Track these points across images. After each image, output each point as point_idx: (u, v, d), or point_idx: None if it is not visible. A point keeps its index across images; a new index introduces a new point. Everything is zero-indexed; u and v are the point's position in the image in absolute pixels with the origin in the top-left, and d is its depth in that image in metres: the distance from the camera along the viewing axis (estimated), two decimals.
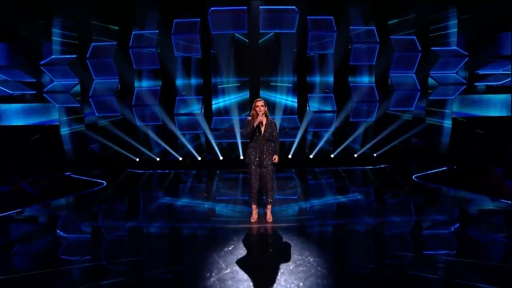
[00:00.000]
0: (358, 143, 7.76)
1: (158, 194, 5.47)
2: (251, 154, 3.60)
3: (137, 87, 7.65)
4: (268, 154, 3.57)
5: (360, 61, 7.46)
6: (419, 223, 3.95)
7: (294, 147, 7.56)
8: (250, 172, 3.60)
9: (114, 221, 4.14)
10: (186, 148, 7.71)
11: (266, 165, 3.57)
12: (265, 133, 3.54)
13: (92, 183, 6.24)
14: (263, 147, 3.56)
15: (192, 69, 7.58)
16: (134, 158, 7.76)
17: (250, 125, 3.46)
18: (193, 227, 3.89)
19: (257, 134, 3.52)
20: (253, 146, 3.61)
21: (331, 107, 7.52)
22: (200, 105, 7.49)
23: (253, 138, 3.56)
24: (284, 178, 6.30)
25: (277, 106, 7.53)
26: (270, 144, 3.61)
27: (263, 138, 3.55)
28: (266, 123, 3.54)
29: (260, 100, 3.53)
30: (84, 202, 5.17)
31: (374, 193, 5.43)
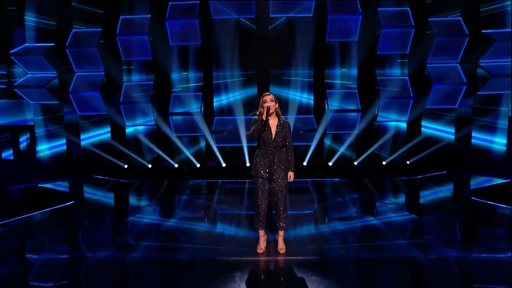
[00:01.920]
0: (387, 148, 7.34)
1: (144, 211, 5.14)
2: (258, 164, 3.26)
3: (126, 81, 7.35)
4: (279, 165, 3.23)
5: (391, 49, 7.08)
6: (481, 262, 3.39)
7: (310, 152, 7.22)
8: (256, 187, 3.27)
9: (81, 250, 3.69)
10: (182, 154, 7.42)
11: (276, 179, 3.22)
12: (276, 137, 3.22)
13: (65, 196, 5.87)
14: (273, 156, 3.22)
15: (190, 61, 7.31)
16: (122, 165, 7.40)
17: (256, 123, 3.17)
18: (183, 259, 3.45)
19: (265, 138, 3.19)
20: (261, 155, 3.27)
21: (354, 105, 7.15)
22: (199, 103, 7.21)
23: (260, 143, 3.24)
24: (297, 191, 5.96)
25: (290, 104, 7.22)
26: (282, 152, 3.28)
27: (274, 143, 3.22)
28: (277, 124, 3.24)
29: (268, 94, 3.26)
30: (44, 223, 4.74)
31: (413, 211, 4.99)
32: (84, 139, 7.45)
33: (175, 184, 6.81)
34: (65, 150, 7.39)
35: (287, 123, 3.34)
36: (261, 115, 3.22)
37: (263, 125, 3.19)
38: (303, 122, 7.25)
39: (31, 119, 7.07)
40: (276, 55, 7.17)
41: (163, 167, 7.38)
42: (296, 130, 7.11)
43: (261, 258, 3.34)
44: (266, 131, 3.24)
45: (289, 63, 7.18)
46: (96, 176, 7.32)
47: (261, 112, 3.23)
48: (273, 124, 3.29)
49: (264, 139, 3.26)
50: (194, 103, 7.27)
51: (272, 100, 3.24)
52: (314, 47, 7.13)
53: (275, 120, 3.31)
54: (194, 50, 7.27)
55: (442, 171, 7.12)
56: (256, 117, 3.26)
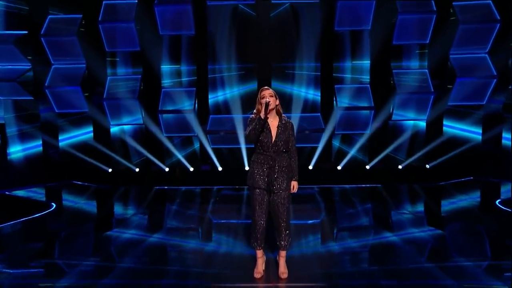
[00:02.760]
0: (404, 150, 7.19)
1: (127, 223, 4.92)
2: (256, 172, 3.06)
3: (110, 75, 7.27)
4: (281, 173, 3.03)
5: (409, 39, 6.91)
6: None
7: (316, 155, 7.15)
8: (253, 199, 3.08)
9: (40, 276, 3.41)
10: (174, 157, 7.35)
11: (277, 190, 3.02)
12: (277, 140, 3.02)
13: (36, 206, 5.68)
14: (273, 162, 3.02)
15: (182, 52, 7.23)
16: (106, 169, 7.31)
17: (253, 122, 2.99)
18: (165, 286, 3.16)
19: (264, 141, 3.00)
20: (259, 161, 3.06)
21: (366, 102, 7.04)
22: (192, 100, 7.16)
23: (258, 146, 3.05)
24: (302, 199, 5.78)
25: (294, 101, 7.13)
26: (284, 157, 3.08)
27: (274, 147, 3.03)
28: (278, 124, 3.05)
29: (267, 89, 3.08)
30: (11, 236, 4.51)
31: (436, 225, 4.77)
32: (62, 140, 7.35)
33: (165, 190, 6.75)
34: (41, 152, 7.26)
35: (290, 123, 3.15)
36: (259, 113, 3.01)
37: (261, 125, 2.99)
38: (309, 121, 7.17)
39: (1, 117, 6.93)
40: (279, 46, 7.12)
41: (152, 171, 7.32)
42: (301, 130, 7.03)
43: (259, 284, 3.11)
44: (265, 133, 3.05)
45: (293, 55, 7.12)
46: (75, 182, 7.21)
47: (259, 110, 3.03)
48: (273, 124, 3.10)
49: (262, 142, 3.06)
50: (186, 99, 7.19)
51: (272, 95, 3.05)
52: (321, 37, 7.06)
53: (275, 119, 3.12)
54: (186, 40, 7.20)
55: (467, 177, 6.97)
56: (253, 115, 3.06)
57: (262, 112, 2.97)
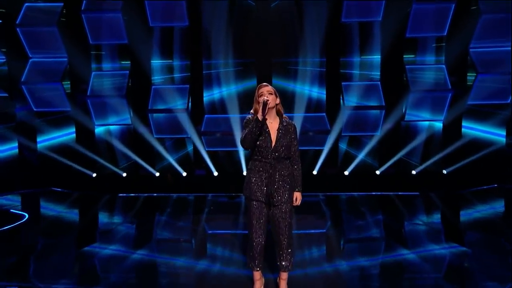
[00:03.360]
0: (418, 154, 7.09)
1: (110, 236, 4.80)
2: (253, 182, 2.97)
3: (95, 70, 7.18)
4: (282, 183, 2.95)
5: (424, 31, 6.80)
6: None
7: (321, 159, 7.11)
8: (250, 214, 2.98)
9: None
10: (165, 160, 7.30)
11: (278, 202, 2.94)
12: (277, 144, 2.94)
13: (8, 216, 5.59)
14: (273, 171, 2.93)
15: (174, 46, 7.17)
16: (90, 174, 7.21)
17: (250, 124, 2.91)
18: None
19: (263, 146, 2.91)
20: (257, 169, 2.97)
21: (377, 100, 6.93)
22: (186, 98, 7.10)
23: (255, 152, 2.96)
24: (305, 209, 5.53)
25: (297, 100, 7.09)
26: (285, 165, 2.99)
27: (274, 153, 2.94)
28: (279, 126, 2.97)
29: (266, 85, 2.99)
30: None
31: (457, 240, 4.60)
32: (41, 142, 7.28)
33: (155, 197, 6.74)
34: (17, 155, 7.18)
35: (292, 126, 3.05)
36: (256, 113, 2.91)
37: (259, 128, 2.87)
38: (313, 121, 7.12)
39: None
40: (280, 40, 7.09)
41: (141, 177, 7.27)
42: (304, 131, 6.98)
43: None
44: (264, 137, 2.95)
45: (296, 49, 7.06)
46: (55, 188, 7.13)
47: (256, 110, 2.93)
48: (273, 126, 3.00)
49: (260, 148, 2.95)
50: (179, 98, 7.16)
51: (271, 92, 2.94)
52: (326, 29, 6.98)
53: (276, 121, 3.02)
54: (179, 33, 7.16)
55: (490, 184, 6.86)
56: (250, 116, 2.98)
57: (259, 112, 2.85)
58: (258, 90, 2.97)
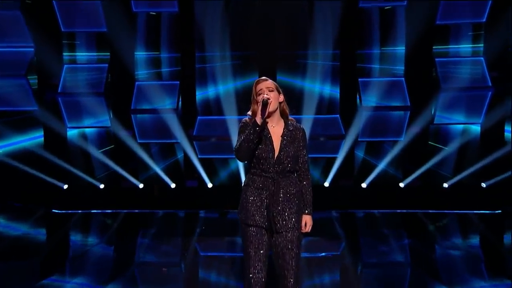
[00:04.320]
0: (451, 164, 7.01)
1: (77, 264, 4.68)
2: (250, 202, 2.80)
3: (68, 62, 7.10)
4: (287, 203, 2.78)
5: (458, 17, 6.75)
6: None
7: (334, 169, 7.00)
8: (247, 242, 2.80)
9: None
10: (150, 170, 7.18)
11: (282, 228, 2.76)
12: (281, 154, 2.79)
13: None
14: (276, 188, 2.77)
15: (162, 35, 7.13)
16: (60, 185, 7.08)
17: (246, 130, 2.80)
18: None
19: (263, 156, 2.78)
20: (255, 185, 2.82)
21: (400, 100, 6.88)
22: (175, 97, 7.09)
23: (254, 164, 2.84)
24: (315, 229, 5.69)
25: (306, 100, 7.01)
26: (292, 180, 2.83)
27: (277, 166, 2.79)
28: (283, 132, 2.84)
29: (266, 80, 2.84)
30: None
31: (500, 271, 4.44)
32: (1, 148, 7.17)
33: (138, 214, 6.72)
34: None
35: (301, 130, 2.87)
36: (254, 115, 2.73)
37: (257, 134, 2.69)
38: (325, 124, 7.09)
39: None
40: (286, 28, 7.06)
41: (122, 189, 7.20)
42: (315, 136, 6.93)
43: None
44: (264, 144, 2.78)
45: (305, 40, 7.00)
46: (15, 203, 7.03)
47: (254, 111, 2.76)
48: (275, 131, 2.82)
49: (260, 159, 2.78)
50: (167, 96, 7.13)
51: (272, 89, 2.79)
52: (341, 16, 6.90)
53: (279, 124, 2.84)
54: (168, 20, 7.12)
55: None
56: (247, 119, 2.83)
57: (258, 114, 2.66)
58: (256, 86, 2.83)
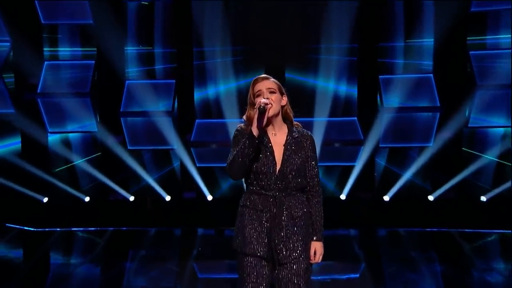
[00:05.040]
0: (489, 173, 6.85)
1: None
2: (248, 227, 2.75)
3: (48, 59, 7.03)
4: (292, 228, 2.72)
5: (495, 3, 6.55)
6: None
7: (352, 179, 6.87)
8: (244, 275, 2.73)
9: None
10: (143, 180, 7.08)
11: (287, 259, 2.69)
12: (284, 167, 2.72)
13: None
14: (278, 210, 2.70)
15: (156, 29, 7.04)
16: (40, 199, 6.97)
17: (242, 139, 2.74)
18: None
19: (262, 171, 2.72)
20: (253, 206, 2.75)
21: (428, 100, 6.74)
22: (171, 97, 7.01)
23: (251, 180, 2.78)
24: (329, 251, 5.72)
25: (318, 100, 6.87)
26: (298, 200, 2.76)
27: (280, 182, 2.72)
28: (286, 140, 2.78)
29: (266, 79, 2.77)
30: None
31: None
32: None
33: (127, 232, 6.67)
34: None
35: (309, 138, 2.79)
36: (250, 121, 2.67)
37: (253, 146, 2.60)
38: (341, 128, 7.01)
39: None
40: (296, 20, 6.93)
41: (110, 203, 7.12)
42: (329, 142, 6.86)
43: None
44: (264, 156, 2.71)
45: (317, 32, 6.86)
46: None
47: (250, 117, 2.71)
48: (277, 140, 2.74)
49: (259, 173, 2.69)
50: (162, 96, 7.07)
51: (273, 90, 2.69)
52: (360, 4, 6.80)
53: (282, 131, 2.77)
54: (162, 10, 7.04)
55: None
56: (242, 125, 2.77)
57: (254, 123, 2.55)
58: (254, 86, 2.70)
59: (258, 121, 2.50)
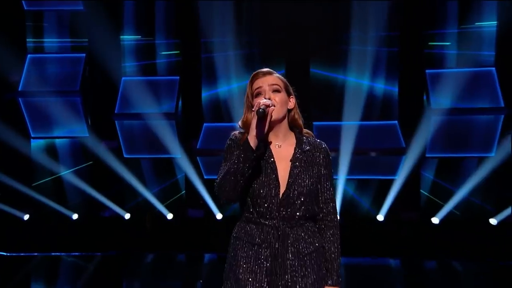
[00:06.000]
0: None
1: None
2: (243, 265, 2.51)
3: (32, 51, 7.12)
4: (300, 269, 2.47)
5: None
6: None
7: (391, 196, 6.69)
8: None
9: None
10: (139, 195, 7.06)
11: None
12: (291, 191, 2.47)
13: None
14: (282, 245, 2.47)
15: (157, 17, 7.07)
16: (20, 216, 6.93)
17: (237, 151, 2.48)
18: None
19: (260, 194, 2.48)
20: (249, 239, 2.53)
21: (489, 99, 6.59)
22: (174, 97, 7.01)
23: (247, 205, 2.50)
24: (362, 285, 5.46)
25: (349, 100, 6.78)
26: (308, 231, 2.52)
27: (284, 209, 2.46)
28: (294, 155, 2.52)
29: (269, 74, 2.51)
30: None
31: None
32: None
33: (120, 256, 6.63)
34: None
35: (322, 150, 2.57)
36: (247, 128, 2.48)
37: (250, 161, 2.43)
38: (378, 134, 6.91)
39: None
40: (322, 4, 6.90)
41: (102, 221, 7.10)
42: (362, 151, 6.79)
43: None
44: (264, 174, 2.51)
45: (348, 18, 6.81)
46: None
47: (247, 122, 2.50)
48: (282, 153, 2.54)
49: (257, 197, 2.48)
50: (164, 96, 7.06)
51: (278, 88, 2.47)
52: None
53: (288, 142, 2.56)
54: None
55: None
56: (237, 133, 2.59)
57: (252, 131, 2.33)
58: (253, 82, 2.47)
59: (256, 128, 2.23)
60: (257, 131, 2.25)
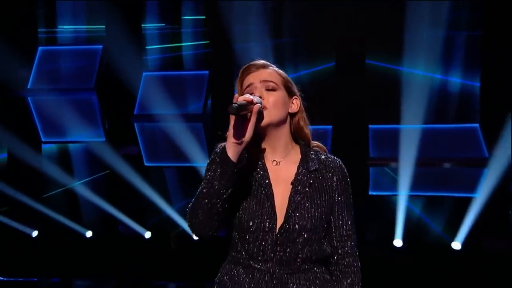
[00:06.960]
0: None
1: None
2: None
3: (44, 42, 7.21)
4: None
5: None
6: None
7: (471, 217, 6.40)
8: None
9: None
10: (162, 211, 7.07)
11: None
12: (291, 221, 2.23)
13: None
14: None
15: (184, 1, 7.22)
16: (28, 233, 6.95)
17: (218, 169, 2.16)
18: None
19: (249, 228, 2.24)
20: (235, 284, 2.28)
21: None
22: (202, 95, 7.03)
23: (235, 241, 2.27)
24: None
25: (413, 98, 6.53)
26: (315, 276, 2.27)
27: (282, 246, 2.23)
28: (298, 174, 2.28)
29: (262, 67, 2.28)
30: None
31: None
32: None
33: (138, 284, 6.72)
34: None
35: (336, 170, 2.33)
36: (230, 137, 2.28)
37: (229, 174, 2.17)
38: (452, 140, 6.70)
39: None
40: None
41: (120, 239, 7.05)
42: (430, 161, 6.59)
43: None
44: (256, 201, 2.27)
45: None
46: None
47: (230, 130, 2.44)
48: (280, 173, 2.33)
49: (246, 231, 2.27)
50: (190, 94, 7.11)
51: (274, 85, 2.25)
52: None
53: (290, 157, 2.33)
54: None
55: None
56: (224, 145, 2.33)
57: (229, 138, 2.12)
58: (243, 79, 2.27)
59: (234, 134, 1.97)
60: (234, 140, 1.98)
